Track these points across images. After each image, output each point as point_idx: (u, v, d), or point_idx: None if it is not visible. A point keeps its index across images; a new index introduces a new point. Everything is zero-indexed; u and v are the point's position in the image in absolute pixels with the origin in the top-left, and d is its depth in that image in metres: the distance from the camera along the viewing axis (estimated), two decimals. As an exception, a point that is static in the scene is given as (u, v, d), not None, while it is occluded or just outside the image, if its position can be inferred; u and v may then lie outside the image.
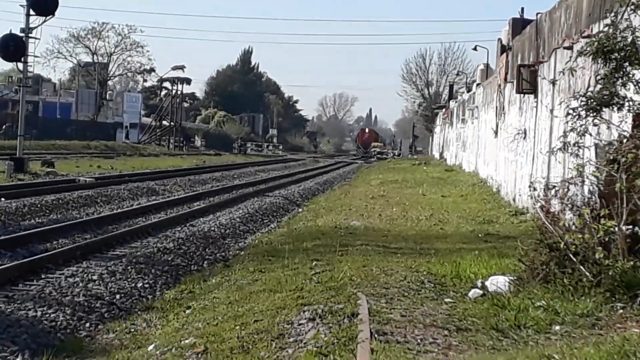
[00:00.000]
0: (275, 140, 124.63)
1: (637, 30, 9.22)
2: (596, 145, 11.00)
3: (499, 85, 27.51)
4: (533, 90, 19.79)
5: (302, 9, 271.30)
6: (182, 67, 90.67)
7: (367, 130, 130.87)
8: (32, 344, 9.32)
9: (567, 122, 9.97)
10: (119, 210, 21.84)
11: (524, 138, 20.96)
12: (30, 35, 33.81)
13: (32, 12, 33.77)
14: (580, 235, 8.42)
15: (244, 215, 22.64)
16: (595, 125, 9.87)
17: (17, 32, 33.82)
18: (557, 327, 7.23)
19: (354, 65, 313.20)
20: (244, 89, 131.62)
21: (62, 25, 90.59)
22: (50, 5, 33.99)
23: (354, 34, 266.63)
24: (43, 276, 12.60)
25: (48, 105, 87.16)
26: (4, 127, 63.44)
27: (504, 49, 27.22)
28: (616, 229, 8.29)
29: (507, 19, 28.07)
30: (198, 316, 10.04)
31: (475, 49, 62.12)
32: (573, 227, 8.75)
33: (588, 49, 9.52)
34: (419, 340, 7.00)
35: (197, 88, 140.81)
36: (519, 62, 22.31)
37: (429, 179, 37.33)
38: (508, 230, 16.78)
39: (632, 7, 9.55)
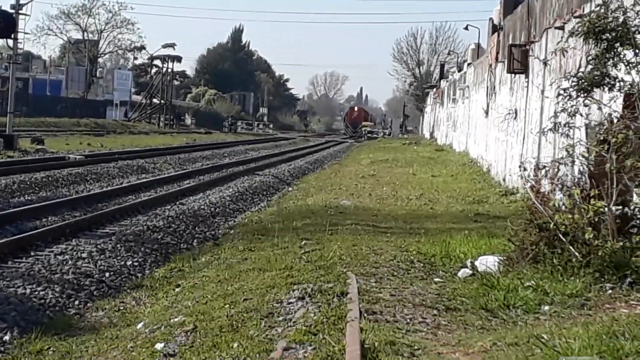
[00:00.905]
0: (265, 119, 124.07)
1: (628, 10, 9.20)
2: (587, 125, 11.00)
3: (490, 65, 27.49)
4: (524, 70, 19.78)
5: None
6: (172, 45, 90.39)
7: (356, 108, 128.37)
8: (21, 322, 9.32)
9: (557, 103, 9.98)
10: (109, 188, 21.77)
11: (515, 118, 20.97)
12: (20, 11, 33.60)
13: (22, -12, 33.55)
14: (570, 216, 8.44)
15: (234, 193, 22.61)
16: (586, 105, 9.87)
17: (7, 8, 33.64)
18: (546, 307, 7.24)
19: (345, 44, 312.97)
20: (234, 68, 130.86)
21: (52, 2, 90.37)
22: (40, -18, 33.78)
23: (346, 12, 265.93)
24: (32, 254, 12.58)
25: (38, 83, 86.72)
26: (-7, 104, 63.14)
27: (495, 29, 27.19)
28: (606, 209, 8.31)
29: (499, -2, 28.06)
30: (187, 294, 10.03)
31: (466, 28, 62.53)
32: (563, 208, 8.77)
33: (579, 29, 9.50)
34: (408, 320, 7.02)
35: (188, 66, 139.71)
36: (510, 42, 22.30)
37: (419, 158, 37.36)
38: (498, 210, 16.82)
39: (624, -13, 9.53)
